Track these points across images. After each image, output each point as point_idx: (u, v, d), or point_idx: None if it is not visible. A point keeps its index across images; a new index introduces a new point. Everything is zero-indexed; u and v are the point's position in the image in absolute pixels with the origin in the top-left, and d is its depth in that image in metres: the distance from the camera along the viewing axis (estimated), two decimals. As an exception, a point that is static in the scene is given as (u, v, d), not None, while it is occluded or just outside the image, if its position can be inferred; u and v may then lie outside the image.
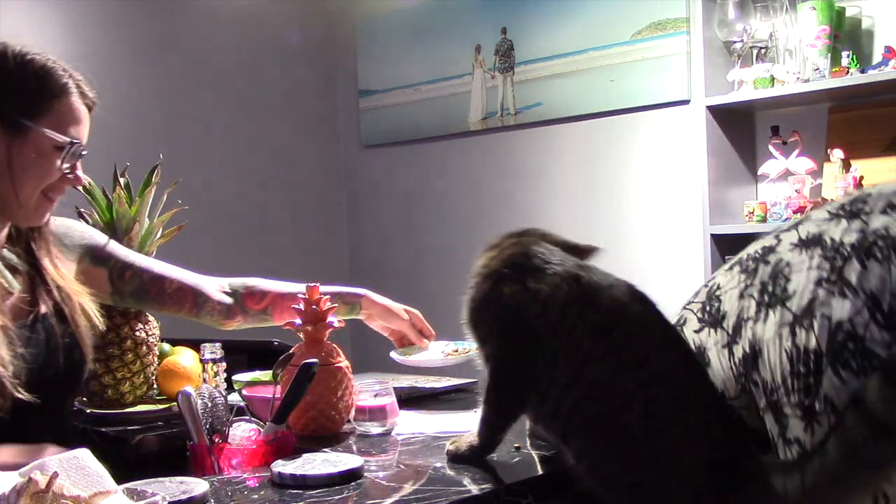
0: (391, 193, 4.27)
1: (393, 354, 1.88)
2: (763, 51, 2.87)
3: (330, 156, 4.51)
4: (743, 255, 1.59)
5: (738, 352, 1.47)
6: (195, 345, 1.88)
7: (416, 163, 4.13)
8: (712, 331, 1.55)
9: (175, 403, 1.48)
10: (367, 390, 1.60)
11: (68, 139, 1.45)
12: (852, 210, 1.42)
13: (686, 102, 3.13)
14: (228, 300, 1.82)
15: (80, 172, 1.51)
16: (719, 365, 1.53)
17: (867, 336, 1.30)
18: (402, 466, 1.37)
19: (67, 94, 1.47)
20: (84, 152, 1.51)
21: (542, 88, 3.57)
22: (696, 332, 1.59)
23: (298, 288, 1.80)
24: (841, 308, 1.34)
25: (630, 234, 3.32)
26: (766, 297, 1.45)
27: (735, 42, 2.87)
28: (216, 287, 1.83)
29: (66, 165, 1.46)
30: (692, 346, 1.37)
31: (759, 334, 1.44)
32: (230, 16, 4.18)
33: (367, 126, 4.33)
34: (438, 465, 1.36)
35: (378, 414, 1.57)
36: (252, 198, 4.21)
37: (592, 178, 3.43)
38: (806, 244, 1.44)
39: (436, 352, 1.85)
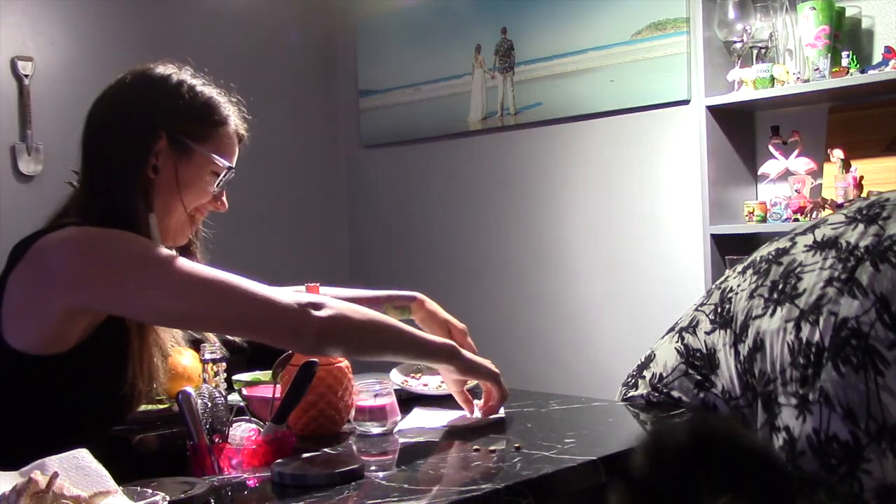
0: (391, 193, 4.27)
1: (393, 375, 1.85)
2: (763, 51, 2.87)
3: (330, 156, 4.51)
4: (756, 256, 1.60)
5: (744, 349, 1.48)
6: (195, 345, 1.88)
7: (416, 163, 4.13)
8: (722, 332, 1.56)
9: (175, 403, 1.48)
10: (367, 390, 1.60)
11: (226, 164, 1.58)
12: (870, 215, 1.43)
13: (686, 102, 3.13)
14: None
15: (224, 198, 1.63)
16: (727, 365, 1.54)
17: (871, 334, 1.31)
18: (402, 466, 1.37)
19: (227, 124, 1.59)
20: (230, 178, 1.61)
21: (542, 88, 3.57)
22: (708, 333, 1.60)
23: (349, 293, 1.84)
24: (849, 306, 1.35)
25: (630, 233, 3.32)
26: (775, 295, 1.46)
27: (735, 42, 2.87)
28: None
29: (217, 188, 1.58)
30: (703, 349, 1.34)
31: (763, 328, 1.44)
32: (230, 16, 4.18)
33: (367, 126, 4.33)
34: (438, 465, 1.36)
35: (378, 414, 1.57)
36: (252, 198, 4.20)
37: (592, 177, 3.42)
38: (821, 246, 1.45)
39: (435, 381, 1.84)
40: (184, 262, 1.40)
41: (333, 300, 1.45)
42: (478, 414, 1.67)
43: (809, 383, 1.35)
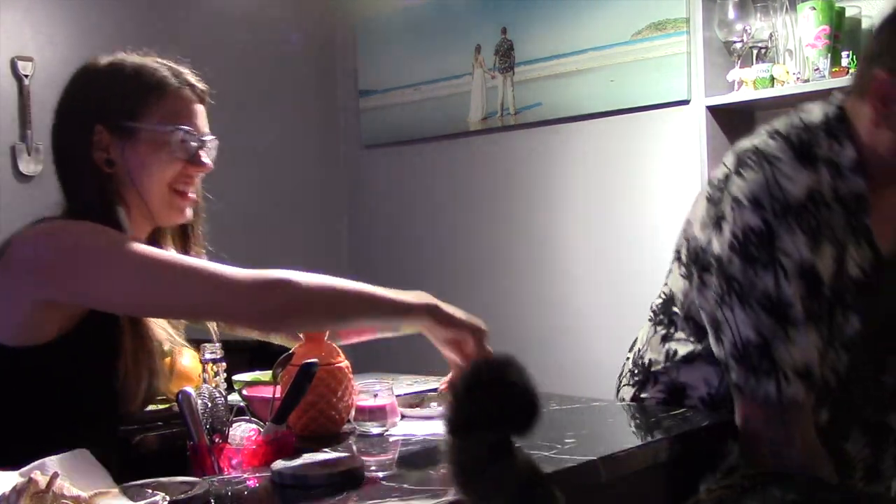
0: (391, 193, 4.27)
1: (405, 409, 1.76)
2: (763, 51, 2.87)
3: (330, 156, 4.51)
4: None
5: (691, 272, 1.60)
6: (195, 345, 1.88)
7: (416, 163, 4.13)
8: (674, 264, 1.70)
9: (175, 403, 1.48)
10: (367, 390, 1.60)
11: (174, 127, 1.49)
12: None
13: (686, 102, 3.13)
14: None
15: (204, 158, 1.54)
16: (681, 294, 1.65)
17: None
18: (402, 466, 1.36)
19: (168, 88, 1.52)
20: (207, 139, 1.55)
21: (542, 88, 3.57)
22: (667, 276, 1.74)
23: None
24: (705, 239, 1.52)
25: (630, 233, 3.32)
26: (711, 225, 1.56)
27: (735, 42, 2.87)
28: None
29: (181, 154, 1.50)
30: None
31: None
32: (230, 16, 4.18)
33: (367, 126, 4.33)
34: (438, 465, 1.36)
35: (378, 414, 1.57)
36: (252, 197, 4.21)
37: (592, 178, 3.42)
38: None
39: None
40: (146, 250, 1.38)
41: (296, 274, 1.41)
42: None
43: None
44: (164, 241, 1.62)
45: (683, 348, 1.61)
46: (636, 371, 1.75)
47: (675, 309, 1.65)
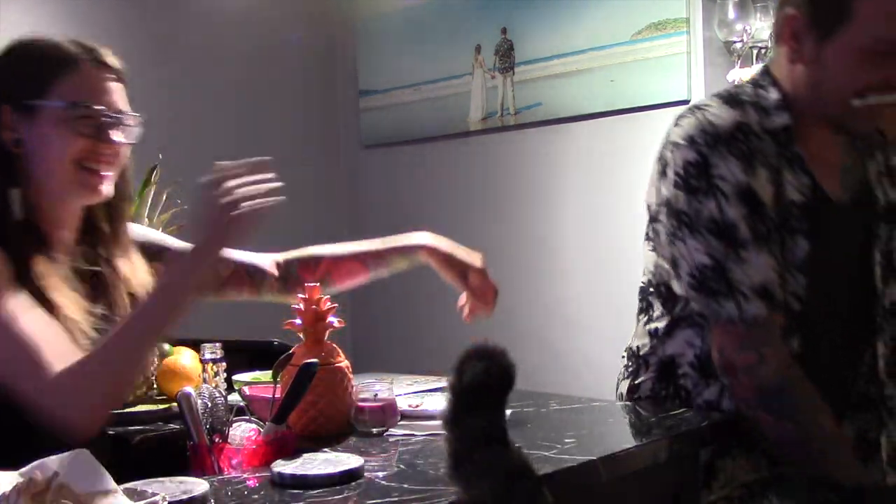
0: (391, 193, 4.27)
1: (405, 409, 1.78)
2: (763, 51, 2.87)
3: (330, 156, 4.51)
4: None
5: None
6: (195, 345, 1.88)
7: (416, 163, 4.13)
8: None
9: (175, 403, 1.48)
10: (367, 390, 1.60)
11: (73, 101, 1.47)
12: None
13: (686, 102, 3.12)
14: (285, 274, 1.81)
15: (115, 137, 1.53)
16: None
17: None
18: (402, 466, 1.37)
19: (75, 66, 1.49)
20: (122, 116, 1.55)
21: (542, 88, 3.57)
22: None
23: (353, 248, 1.80)
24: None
25: (630, 233, 3.31)
26: None
27: (735, 42, 2.86)
28: (271, 262, 1.82)
29: (86, 130, 1.48)
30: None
31: None
32: (230, 16, 4.18)
33: (367, 126, 4.33)
34: (438, 465, 1.36)
35: (378, 414, 1.57)
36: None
37: (592, 178, 3.42)
38: None
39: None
40: None
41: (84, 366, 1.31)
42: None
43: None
44: (98, 220, 1.58)
45: (662, 323, 1.66)
46: (629, 363, 1.77)
47: (651, 289, 1.70)
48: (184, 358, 1.87)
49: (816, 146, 1.50)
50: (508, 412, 1.67)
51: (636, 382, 1.73)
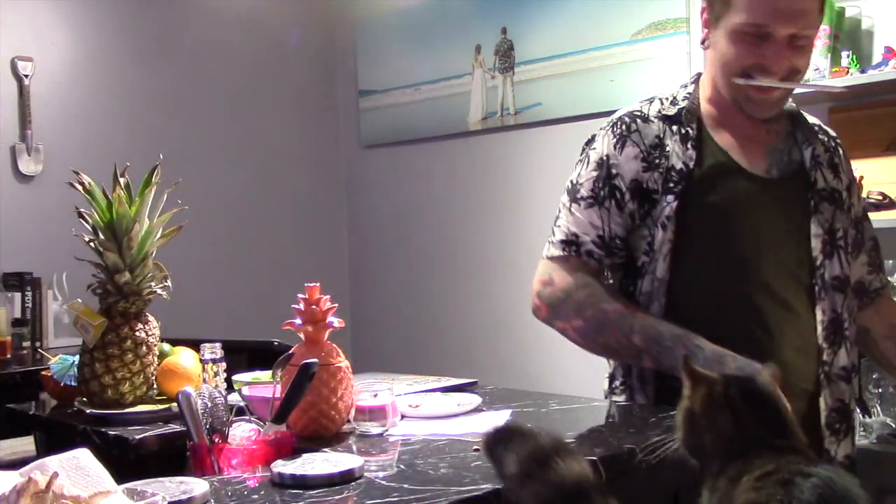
0: (391, 193, 4.27)
1: (405, 409, 1.75)
2: (763, 51, 2.87)
3: (330, 156, 4.51)
4: None
5: None
6: (195, 345, 1.88)
7: (416, 163, 4.13)
8: None
9: (175, 403, 1.48)
10: (367, 390, 1.60)
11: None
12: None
13: (686, 102, 3.13)
14: None
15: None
16: None
17: None
18: (402, 466, 1.37)
19: None
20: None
21: (542, 88, 3.57)
22: None
23: None
24: None
25: (630, 234, 3.32)
26: None
27: (735, 42, 2.86)
28: None
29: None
30: None
31: None
32: (230, 16, 4.18)
33: (367, 126, 4.33)
34: (438, 465, 1.36)
35: (378, 414, 1.57)
36: (252, 198, 4.21)
37: (592, 178, 3.42)
38: None
39: (448, 403, 1.77)
40: None
41: None
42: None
43: None
44: None
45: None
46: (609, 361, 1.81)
47: None
48: (184, 358, 1.86)
49: (734, 128, 1.65)
50: (508, 412, 1.68)
51: (610, 373, 1.78)
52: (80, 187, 1.80)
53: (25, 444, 2.31)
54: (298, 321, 1.62)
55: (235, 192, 4.14)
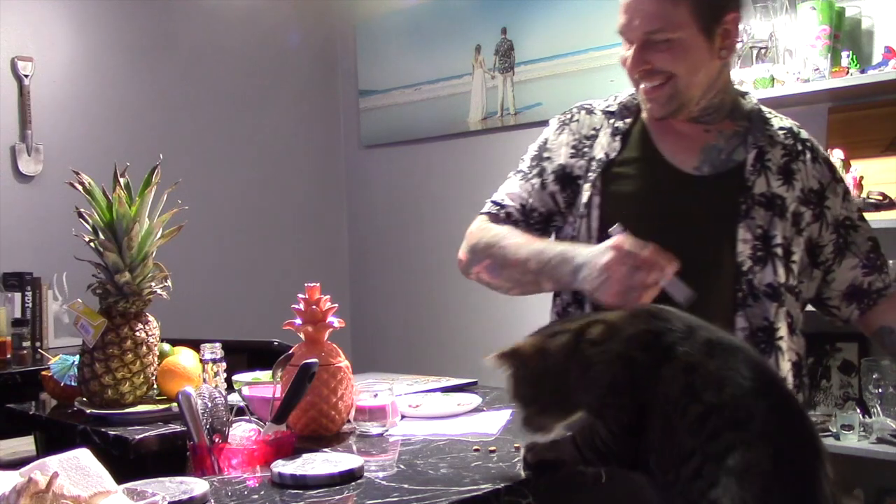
0: (391, 193, 4.27)
1: (405, 409, 1.75)
2: (763, 51, 2.87)
3: (330, 156, 4.51)
4: None
5: None
6: (195, 345, 1.88)
7: (416, 163, 4.13)
8: None
9: (175, 403, 1.48)
10: (367, 390, 1.60)
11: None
12: None
13: (686, 102, 3.13)
14: None
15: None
16: None
17: None
18: (402, 466, 1.37)
19: None
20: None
21: (542, 88, 3.57)
22: None
23: None
24: None
25: (630, 234, 3.32)
26: None
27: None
28: None
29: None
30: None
31: None
32: (230, 16, 4.18)
33: (367, 126, 4.33)
34: (438, 465, 1.36)
35: (378, 414, 1.57)
36: (252, 197, 4.21)
37: (592, 178, 3.42)
38: None
39: (448, 403, 1.76)
40: None
41: None
42: None
43: None
44: None
45: None
46: None
47: None
48: (184, 358, 1.86)
49: (673, 124, 1.67)
50: (508, 412, 1.68)
51: None
52: (80, 187, 1.80)
53: (25, 444, 2.32)
54: (298, 321, 1.62)
55: (235, 192, 4.14)
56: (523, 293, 1.73)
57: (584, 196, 1.66)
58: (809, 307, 1.71)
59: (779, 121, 1.72)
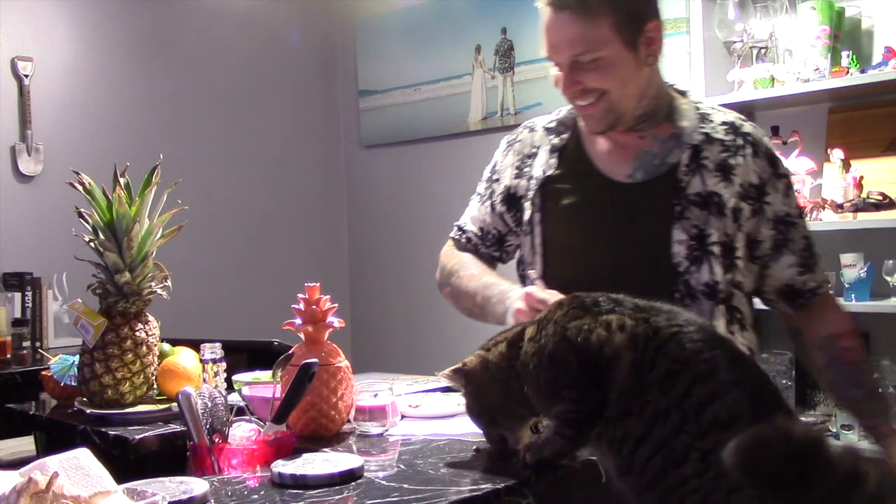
0: (391, 193, 4.27)
1: (405, 409, 1.75)
2: (763, 51, 2.87)
3: (330, 156, 4.51)
4: None
5: None
6: (195, 345, 1.88)
7: (416, 163, 4.13)
8: None
9: (175, 403, 1.48)
10: (367, 390, 1.60)
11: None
12: None
13: (686, 102, 3.12)
14: None
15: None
16: None
17: None
18: (402, 466, 1.37)
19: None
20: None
21: (542, 88, 3.57)
22: None
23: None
24: None
25: (630, 234, 3.31)
26: None
27: (735, 42, 2.87)
28: None
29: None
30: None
31: None
32: (230, 16, 4.18)
33: (367, 126, 4.33)
34: (438, 465, 1.36)
35: (378, 414, 1.57)
36: (252, 198, 4.21)
37: (592, 178, 3.42)
38: None
39: (448, 404, 1.75)
40: None
41: None
42: None
43: None
44: None
45: None
46: None
47: None
48: (184, 358, 1.86)
49: (608, 136, 1.69)
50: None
51: None
52: (80, 187, 1.80)
53: (25, 444, 2.32)
54: (298, 321, 1.62)
55: (235, 192, 4.14)
56: (481, 321, 1.76)
57: (527, 214, 1.72)
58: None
59: (721, 115, 1.71)
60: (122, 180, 1.81)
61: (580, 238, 1.67)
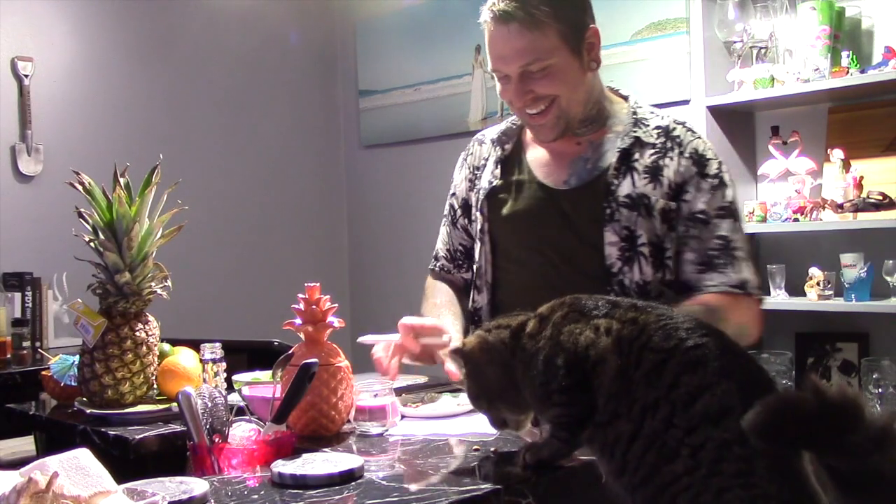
0: (391, 193, 4.27)
1: (405, 409, 1.74)
2: (763, 51, 2.87)
3: (330, 156, 4.51)
4: None
5: None
6: (195, 345, 1.88)
7: (416, 163, 4.13)
8: None
9: (175, 403, 1.48)
10: (367, 390, 1.60)
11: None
12: None
13: (686, 102, 3.13)
14: None
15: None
16: None
17: None
18: (402, 466, 1.37)
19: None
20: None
21: (542, 88, 3.57)
22: None
23: None
24: None
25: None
26: None
27: (735, 42, 2.87)
28: None
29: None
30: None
31: None
32: (230, 16, 4.18)
33: (367, 126, 4.33)
34: (438, 465, 1.36)
35: (378, 414, 1.57)
36: (252, 198, 4.21)
37: (592, 178, 3.42)
38: None
39: (448, 404, 1.76)
40: None
41: None
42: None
43: None
44: None
45: None
46: None
47: None
48: (184, 358, 1.86)
49: (547, 144, 1.75)
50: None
51: None
52: (80, 187, 1.80)
53: (25, 444, 2.32)
54: (298, 321, 1.62)
55: (235, 192, 4.14)
56: None
57: (478, 224, 1.80)
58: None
59: (658, 119, 1.74)
60: (122, 180, 1.81)
61: (523, 246, 1.73)
